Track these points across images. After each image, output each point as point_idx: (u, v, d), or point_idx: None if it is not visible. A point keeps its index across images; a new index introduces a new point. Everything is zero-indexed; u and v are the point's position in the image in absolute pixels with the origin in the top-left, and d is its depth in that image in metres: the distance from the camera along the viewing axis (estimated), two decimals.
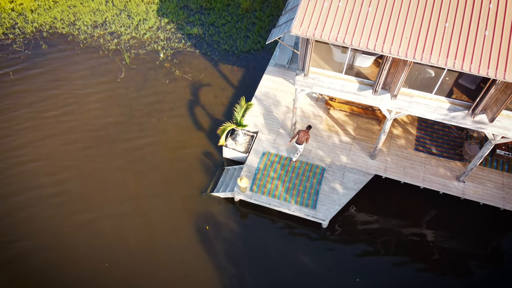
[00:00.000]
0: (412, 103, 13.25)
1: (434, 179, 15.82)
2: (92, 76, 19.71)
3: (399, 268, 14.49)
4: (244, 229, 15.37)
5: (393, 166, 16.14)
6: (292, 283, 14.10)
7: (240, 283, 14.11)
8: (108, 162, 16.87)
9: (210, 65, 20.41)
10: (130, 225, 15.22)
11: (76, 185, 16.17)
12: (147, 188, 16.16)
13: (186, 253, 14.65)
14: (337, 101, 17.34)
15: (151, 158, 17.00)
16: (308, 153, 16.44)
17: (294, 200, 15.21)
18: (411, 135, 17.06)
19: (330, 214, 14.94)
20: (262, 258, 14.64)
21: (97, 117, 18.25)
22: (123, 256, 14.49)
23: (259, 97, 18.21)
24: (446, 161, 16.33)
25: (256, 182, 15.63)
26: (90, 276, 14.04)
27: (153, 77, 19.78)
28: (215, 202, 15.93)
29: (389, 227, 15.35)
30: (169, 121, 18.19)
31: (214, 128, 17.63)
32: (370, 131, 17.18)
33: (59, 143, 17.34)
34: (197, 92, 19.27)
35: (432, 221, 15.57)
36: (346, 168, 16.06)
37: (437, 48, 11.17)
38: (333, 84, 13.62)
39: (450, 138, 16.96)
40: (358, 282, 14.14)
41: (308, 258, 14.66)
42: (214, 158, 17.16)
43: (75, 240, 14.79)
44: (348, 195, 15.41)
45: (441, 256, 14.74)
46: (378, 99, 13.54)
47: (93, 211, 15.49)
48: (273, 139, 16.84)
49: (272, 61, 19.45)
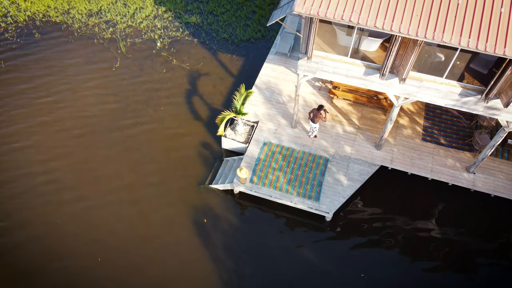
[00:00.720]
0: (421, 88, 12.53)
1: (442, 170, 15.10)
2: (87, 65, 18.98)
3: (406, 263, 13.77)
4: (244, 222, 14.66)
5: (400, 157, 15.42)
6: (294, 279, 13.39)
7: (239, 278, 13.40)
8: (101, 151, 16.15)
9: (209, 54, 19.70)
10: (123, 216, 14.50)
11: (68, 173, 15.50)
12: (141, 179, 15.43)
13: (183, 247, 13.94)
14: (341, 90, 16.63)
15: (146, 148, 16.28)
16: (311, 144, 15.73)
17: (296, 192, 14.49)
18: (418, 125, 16.34)
19: (334, 206, 14.23)
20: (262, 253, 13.93)
21: (92, 105, 17.53)
22: (116, 250, 13.78)
23: (260, 86, 17.50)
24: (455, 151, 15.61)
25: (257, 173, 14.91)
26: (82, 267, 13.35)
27: (150, 66, 19.07)
28: (214, 194, 15.21)
29: (395, 221, 14.64)
30: (166, 111, 17.48)
31: (212, 118, 16.91)
32: (375, 120, 16.46)
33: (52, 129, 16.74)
34: (195, 82, 18.55)
35: (441, 214, 14.85)
36: (350, 159, 15.35)
37: (450, 27, 10.46)
38: (338, 69, 12.91)
39: (459, 128, 16.25)
40: (363, 278, 13.43)
41: (311, 253, 13.95)
42: (212, 149, 16.45)
43: (66, 230, 14.08)
44: (353, 186, 14.70)
45: (450, 252, 14.01)
46: (385, 84, 12.83)
47: (85, 201, 14.79)
48: (275, 129, 16.13)
49: (273, 50, 18.74)
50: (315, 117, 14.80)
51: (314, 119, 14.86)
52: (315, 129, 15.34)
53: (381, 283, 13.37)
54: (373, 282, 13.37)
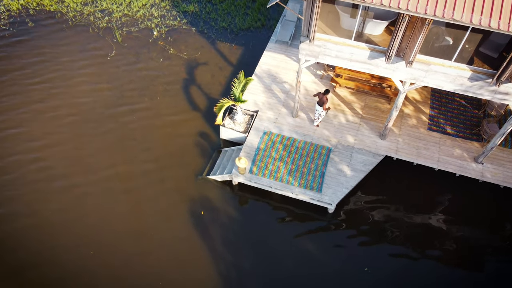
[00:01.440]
0: (429, 72, 11.96)
1: (449, 160, 14.53)
2: (81, 53, 18.41)
3: (411, 257, 13.18)
4: (243, 214, 14.08)
5: (405, 146, 14.84)
6: (295, 272, 12.81)
7: (238, 272, 12.82)
8: (94, 139, 15.59)
9: (207, 43, 19.12)
10: (116, 207, 13.91)
11: (60, 160, 14.97)
12: (136, 169, 14.85)
13: (179, 240, 13.35)
14: (344, 78, 16.06)
15: (141, 138, 15.70)
16: (313, 133, 15.15)
17: (297, 183, 13.91)
18: (424, 114, 15.77)
19: (337, 197, 13.65)
20: (262, 246, 13.34)
21: (85, 93, 16.96)
22: (109, 242, 13.19)
23: (260, 74, 16.92)
24: (463, 141, 15.03)
25: (256, 163, 14.34)
26: (73, 259, 12.78)
27: (146, 55, 18.49)
28: (212, 186, 14.63)
29: (400, 213, 14.06)
30: (163, 100, 16.90)
31: (210, 108, 16.34)
32: (379, 110, 15.88)
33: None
34: (193, 71, 17.98)
35: (447, 206, 14.27)
36: (354, 148, 14.77)
37: (461, 3, 9.87)
38: (341, 53, 12.33)
39: (466, 118, 15.67)
40: (367, 272, 12.86)
41: (313, 246, 13.37)
42: (210, 139, 15.87)
43: (57, 220, 13.51)
44: (357, 177, 14.12)
45: (456, 245, 13.42)
46: (391, 69, 12.25)
47: (77, 189, 14.21)
48: (275, 118, 15.55)
49: (273, 38, 18.16)
50: (320, 100, 14.26)
51: (320, 103, 14.33)
52: (320, 114, 14.72)
53: (385, 277, 12.79)
54: (377, 276, 12.80)
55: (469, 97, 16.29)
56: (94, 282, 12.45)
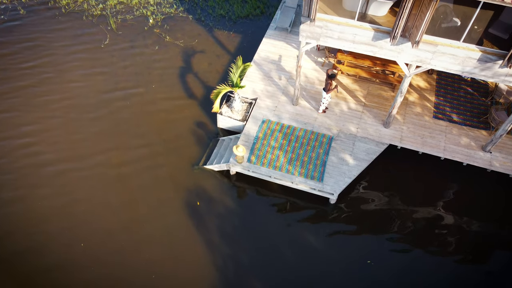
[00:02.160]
0: (436, 54, 11.36)
1: (456, 149, 13.93)
2: (74, 42, 17.80)
3: (415, 250, 12.57)
4: (241, 205, 13.48)
5: (410, 135, 14.25)
6: (295, 265, 12.22)
7: (235, 265, 12.22)
8: (87, 124, 15.04)
9: (204, 31, 18.53)
10: (108, 196, 13.31)
11: (49, 145, 14.41)
12: (130, 158, 14.26)
13: (173, 231, 12.76)
14: (345, 65, 15.46)
15: (136, 128, 15.11)
16: (314, 121, 14.56)
17: (298, 172, 13.32)
18: (429, 102, 15.17)
19: (339, 187, 13.05)
20: (260, 238, 12.75)
21: (79, 81, 16.35)
22: (100, 233, 12.60)
23: (258, 62, 16.32)
24: (470, 129, 14.44)
25: (255, 152, 13.74)
26: (62, 251, 12.19)
27: (141, 43, 17.89)
28: (208, 176, 14.04)
29: (405, 204, 13.46)
30: (158, 89, 16.30)
31: (207, 96, 15.74)
32: (383, 97, 15.28)
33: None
34: (190, 59, 17.38)
35: (454, 196, 13.66)
36: (356, 137, 14.17)
37: None
38: (343, 34, 11.73)
39: (473, 105, 15.07)
40: (370, 264, 12.26)
41: (314, 238, 12.78)
42: (207, 128, 15.28)
43: (46, 208, 12.94)
44: (360, 166, 13.52)
45: (464, 238, 12.81)
46: (396, 51, 11.65)
47: (66, 174, 13.63)
48: (274, 106, 14.95)
49: (272, 25, 17.57)
50: (326, 85, 13.71)
51: (325, 88, 13.77)
52: (324, 100, 14.15)
53: (389, 270, 12.20)
54: (380, 269, 12.21)
55: (475, 84, 15.70)
56: (83, 274, 11.86)
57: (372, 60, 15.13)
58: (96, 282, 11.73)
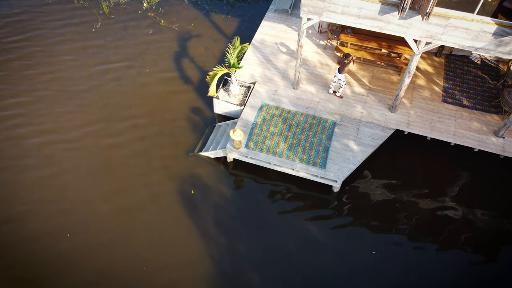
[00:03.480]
0: (448, 28, 10.55)
1: (467, 134, 13.13)
2: (63, 26, 16.98)
3: (423, 242, 11.76)
4: (238, 194, 12.69)
5: (418, 120, 13.44)
6: (296, 257, 11.41)
7: (232, 256, 11.42)
8: (73, 110, 14.24)
9: (201, 15, 17.72)
10: (98, 185, 12.53)
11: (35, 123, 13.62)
12: (120, 143, 13.49)
13: (166, 222, 11.96)
14: (349, 46, 14.65)
15: (127, 112, 14.31)
16: (315, 106, 13.76)
17: (299, 159, 12.51)
18: (437, 85, 14.36)
19: (343, 174, 12.24)
20: (259, 228, 11.95)
21: (67, 69, 15.57)
22: (87, 222, 11.81)
23: (257, 45, 15.52)
24: (481, 114, 13.63)
25: (253, 138, 12.93)
26: (50, 242, 11.40)
27: (135, 27, 17.09)
28: (204, 163, 13.24)
29: (413, 192, 12.65)
30: (151, 74, 15.49)
31: (204, 82, 14.91)
32: (388, 81, 14.48)
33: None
34: (185, 44, 16.57)
35: (465, 185, 12.84)
36: (361, 122, 13.37)
37: None
38: (348, 8, 10.92)
39: (484, 89, 14.27)
40: (375, 255, 11.45)
41: (315, 228, 11.98)
42: (203, 114, 14.48)
43: (34, 197, 12.17)
44: (365, 152, 12.72)
45: (474, 230, 11.94)
46: (405, 25, 10.84)
47: (52, 167, 12.86)
48: (274, 90, 14.15)
49: (272, 7, 16.76)
50: (342, 66, 12.98)
51: (340, 69, 13.04)
52: (342, 82, 13.42)
53: (395, 262, 11.40)
54: (386, 261, 11.40)
55: (486, 67, 14.89)
56: (70, 266, 11.07)
57: (377, 41, 14.32)
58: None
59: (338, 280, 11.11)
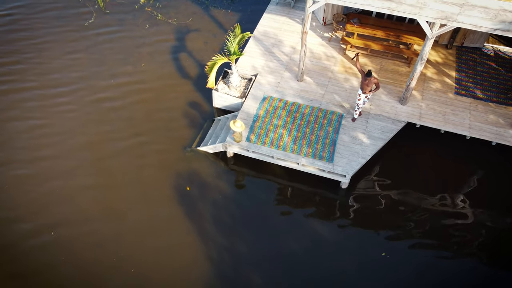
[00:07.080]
0: (464, 8, 9.81)
1: (483, 127, 12.30)
2: (56, 20, 16.28)
3: (436, 243, 10.80)
4: (239, 191, 11.78)
5: (430, 112, 12.63)
6: (301, 258, 10.45)
7: (233, 257, 10.45)
8: (72, 110, 13.43)
9: (200, 9, 17.06)
10: (87, 181, 11.65)
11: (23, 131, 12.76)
12: (114, 137, 12.64)
13: (161, 221, 11.02)
14: (355, 37, 13.93)
15: (122, 109, 13.48)
16: (321, 98, 12.95)
17: (304, 152, 11.64)
18: (450, 77, 13.59)
19: (352, 168, 11.36)
20: (261, 228, 11.01)
21: (59, 64, 14.83)
22: (76, 220, 10.89)
23: (259, 37, 14.80)
24: (497, 106, 12.82)
25: (255, 130, 12.09)
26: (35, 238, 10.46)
27: (131, 22, 16.40)
28: (202, 158, 12.37)
29: (426, 190, 11.73)
30: (148, 68, 14.73)
31: (202, 76, 14.15)
32: (398, 73, 13.71)
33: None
34: (184, 38, 15.86)
35: (482, 182, 11.93)
36: (370, 114, 12.55)
37: None
38: None
39: (499, 81, 13.49)
40: (384, 257, 10.48)
41: (322, 226, 11.04)
42: (202, 109, 13.66)
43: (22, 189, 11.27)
44: (375, 145, 11.86)
45: (492, 232, 11.01)
46: (418, 6, 10.10)
47: (43, 161, 11.98)
48: (277, 83, 13.37)
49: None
50: (366, 84, 11.28)
51: (363, 87, 11.41)
52: (360, 102, 11.73)
53: (406, 264, 10.43)
54: (396, 262, 10.43)
55: (499, 59, 14.15)
56: (53, 270, 10.11)
57: (385, 31, 13.61)
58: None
59: (346, 282, 10.13)
